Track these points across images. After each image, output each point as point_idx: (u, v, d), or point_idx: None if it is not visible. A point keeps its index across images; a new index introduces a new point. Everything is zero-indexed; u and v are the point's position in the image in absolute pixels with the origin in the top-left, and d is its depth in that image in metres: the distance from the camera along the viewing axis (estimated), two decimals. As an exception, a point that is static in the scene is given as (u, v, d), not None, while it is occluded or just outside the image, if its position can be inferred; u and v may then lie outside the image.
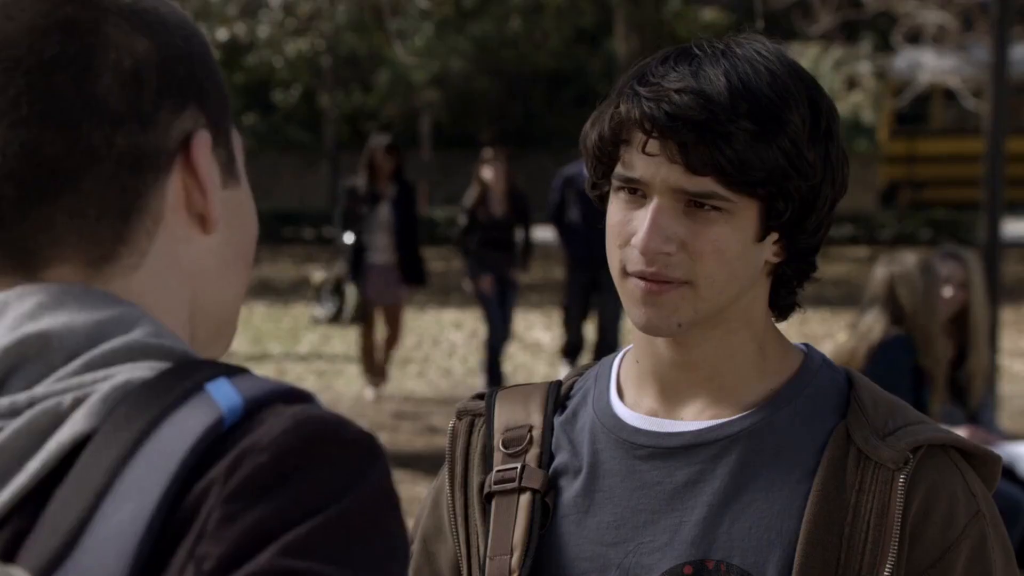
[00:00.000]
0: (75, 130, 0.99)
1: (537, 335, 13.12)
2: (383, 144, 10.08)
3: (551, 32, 23.66)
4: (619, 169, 1.49)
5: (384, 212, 9.94)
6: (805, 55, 23.56)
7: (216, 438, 0.91)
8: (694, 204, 1.46)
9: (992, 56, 8.10)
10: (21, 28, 1.00)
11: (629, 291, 1.49)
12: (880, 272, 5.14)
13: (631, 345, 1.59)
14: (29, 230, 1.00)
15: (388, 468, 0.93)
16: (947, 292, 5.34)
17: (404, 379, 10.92)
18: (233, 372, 0.96)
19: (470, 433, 1.62)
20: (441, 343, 12.83)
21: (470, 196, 10.51)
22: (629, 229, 1.49)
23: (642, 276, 1.47)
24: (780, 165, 1.44)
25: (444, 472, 1.62)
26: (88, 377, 0.95)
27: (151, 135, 1.02)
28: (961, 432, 5.19)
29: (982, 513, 1.48)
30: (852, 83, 25.28)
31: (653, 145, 1.45)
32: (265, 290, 15.80)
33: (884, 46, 22.17)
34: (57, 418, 0.94)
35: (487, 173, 10.39)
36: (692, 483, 1.51)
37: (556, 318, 12.25)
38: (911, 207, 21.68)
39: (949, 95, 20.61)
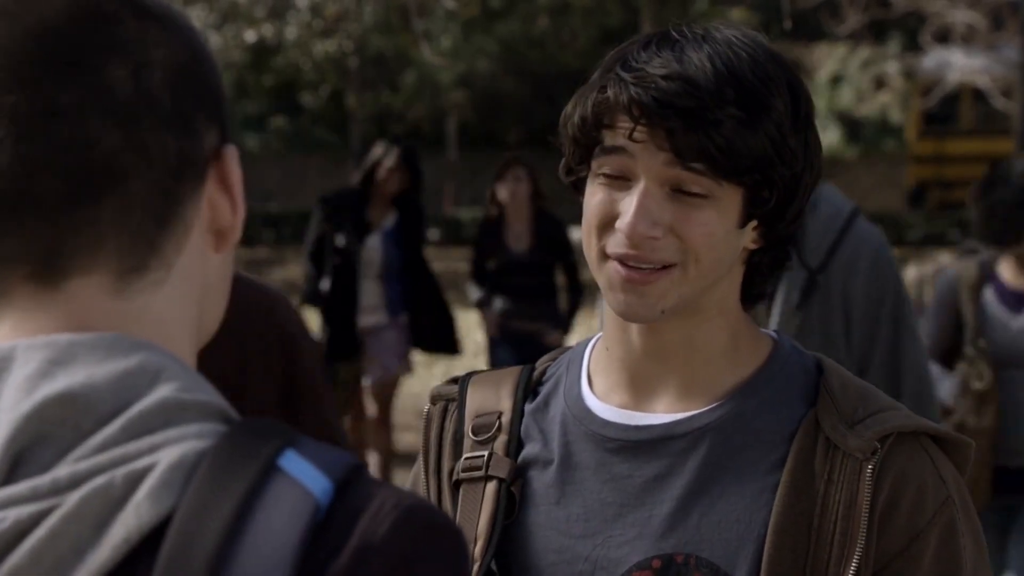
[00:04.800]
0: (132, 127, 0.95)
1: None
2: (395, 154, 7.01)
3: (578, 32, 23.66)
4: (602, 155, 1.47)
5: (373, 249, 7.05)
6: (833, 55, 23.49)
7: (316, 527, 0.90)
8: (680, 189, 1.44)
9: (1022, 56, 8.05)
10: (66, 14, 0.96)
11: (608, 275, 1.47)
12: (910, 274, 5.16)
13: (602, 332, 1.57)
14: (69, 230, 0.95)
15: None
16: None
17: (430, 380, 10.93)
18: (291, 439, 0.93)
19: (443, 418, 1.61)
20: (467, 343, 12.84)
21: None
22: (612, 211, 1.46)
23: (624, 259, 1.45)
24: (767, 152, 1.43)
25: (420, 458, 1.62)
26: (132, 448, 0.90)
27: (193, 141, 0.98)
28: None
29: (951, 499, 1.46)
30: (880, 83, 25.20)
31: (640, 132, 1.43)
32: (290, 291, 15.83)
33: (912, 46, 22.10)
34: (111, 501, 0.88)
35: (503, 191, 7.36)
36: (662, 477, 1.49)
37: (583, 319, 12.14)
38: (940, 207, 21.59)
39: (978, 95, 20.52)
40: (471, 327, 11.92)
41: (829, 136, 24.75)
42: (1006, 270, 4.19)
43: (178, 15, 1.01)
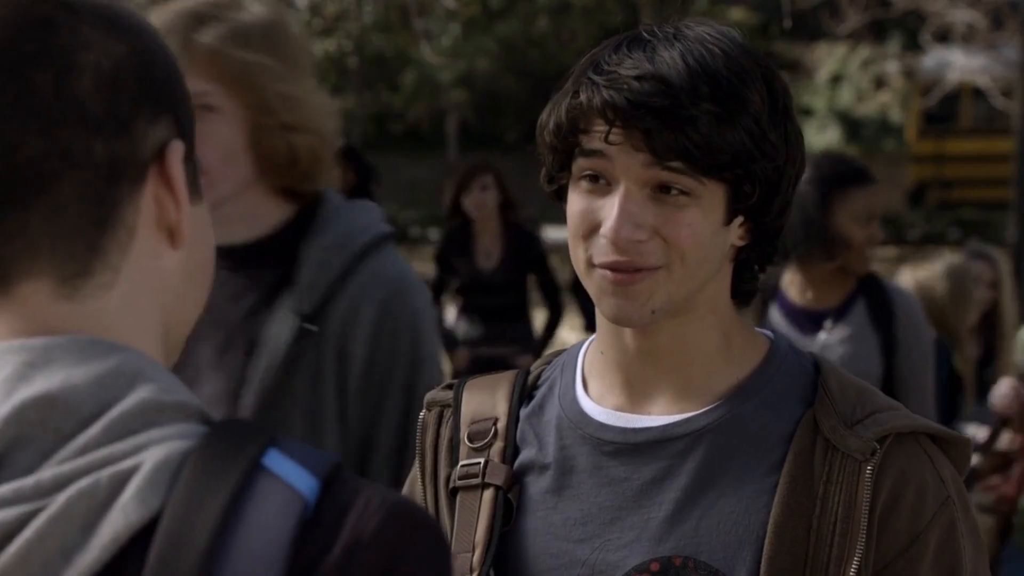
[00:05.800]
0: (55, 132, 0.96)
1: (563, 334, 13.08)
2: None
3: (578, 32, 23.65)
4: (580, 160, 1.45)
5: None
6: (833, 55, 23.49)
7: (305, 524, 0.91)
8: (661, 189, 1.43)
9: (1021, 55, 8.06)
10: (1, 22, 0.96)
11: (597, 282, 1.46)
12: (906, 277, 5.13)
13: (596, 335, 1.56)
14: (2, 236, 0.96)
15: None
16: (977, 293, 5.32)
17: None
18: (273, 439, 0.94)
19: (439, 425, 1.60)
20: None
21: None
22: (594, 218, 1.45)
23: (613, 266, 1.44)
24: (745, 147, 1.42)
25: (416, 464, 1.61)
26: (116, 449, 0.91)
27: (128, 143, 0.99)
28: (987, 432, 5.19)
29: (951, 499, 1.46)
30: (880, 82, 25.21)
31: (616, 134, 1.42)
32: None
33: (912, 45, 22.10)
34: (97, 502, 0.89)
35: (468, 203, 6.67)
36: (659, 479, 1.48)
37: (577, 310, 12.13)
38: (939, 207, 21.58)
39: (978, 94, 20.52)
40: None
41: (829, 136, 24.76)
42: (791, 287, 3.89)
43: (124, 15, 1.00)
